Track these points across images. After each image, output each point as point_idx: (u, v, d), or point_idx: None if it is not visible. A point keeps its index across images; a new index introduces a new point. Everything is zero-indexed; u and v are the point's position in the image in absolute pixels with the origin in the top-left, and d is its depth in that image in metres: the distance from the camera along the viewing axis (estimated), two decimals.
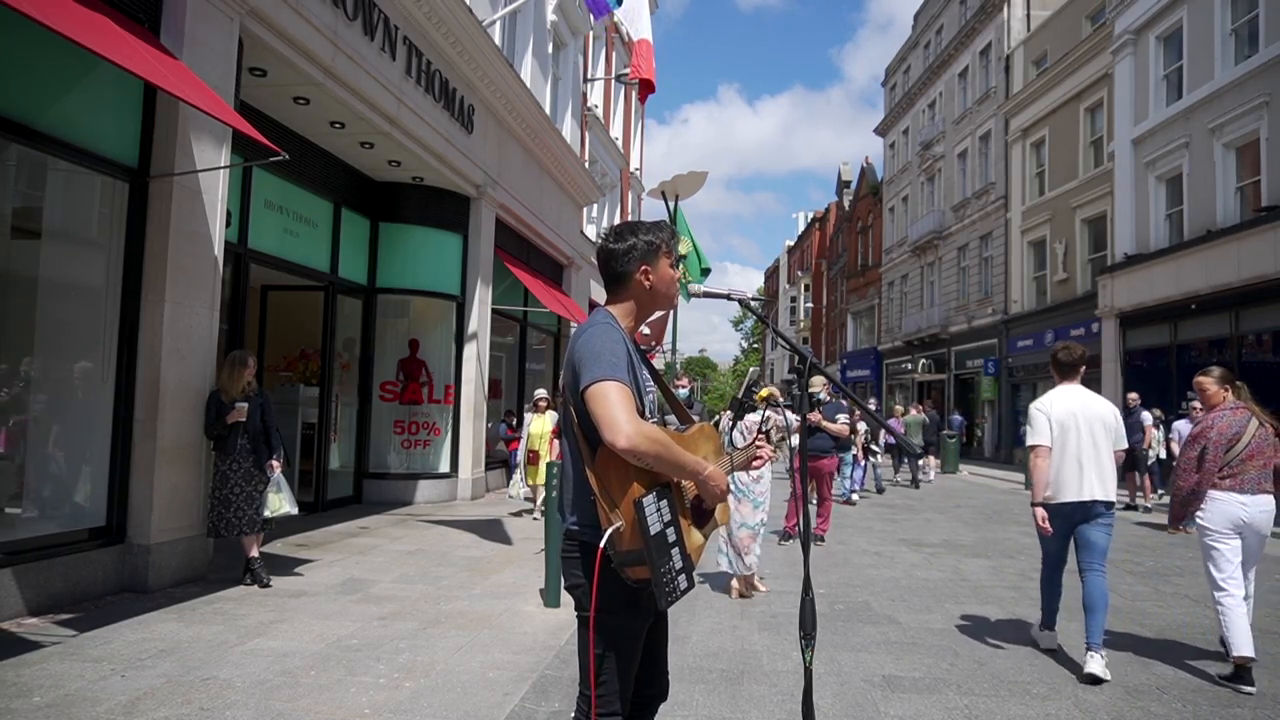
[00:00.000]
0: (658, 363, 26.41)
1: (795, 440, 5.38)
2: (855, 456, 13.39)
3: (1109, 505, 4.41)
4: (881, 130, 36.55)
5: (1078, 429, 4.44)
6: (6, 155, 4.96)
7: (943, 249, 29.01)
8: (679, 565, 1.96)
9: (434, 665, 4.11)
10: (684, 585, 1.98)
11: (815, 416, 8.20)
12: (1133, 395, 12.88)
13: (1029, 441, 4.59)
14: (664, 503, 1.97)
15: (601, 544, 1.93)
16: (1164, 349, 16.42)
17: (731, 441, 5.79)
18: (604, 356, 1.95)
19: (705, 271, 12.43)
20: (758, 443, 2.41)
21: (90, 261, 5.50)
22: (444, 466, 10.85)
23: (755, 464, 2.41)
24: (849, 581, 6.60)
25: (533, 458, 9.28)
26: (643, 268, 2.14)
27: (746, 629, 5.05)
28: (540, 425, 9.32)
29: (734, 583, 5.92)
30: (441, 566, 6.57)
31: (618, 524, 1.93)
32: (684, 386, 11.68)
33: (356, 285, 10.06)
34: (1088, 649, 4.21)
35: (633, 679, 2.12)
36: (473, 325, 11.10)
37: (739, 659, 4.41)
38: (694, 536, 2.12)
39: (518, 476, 9.79)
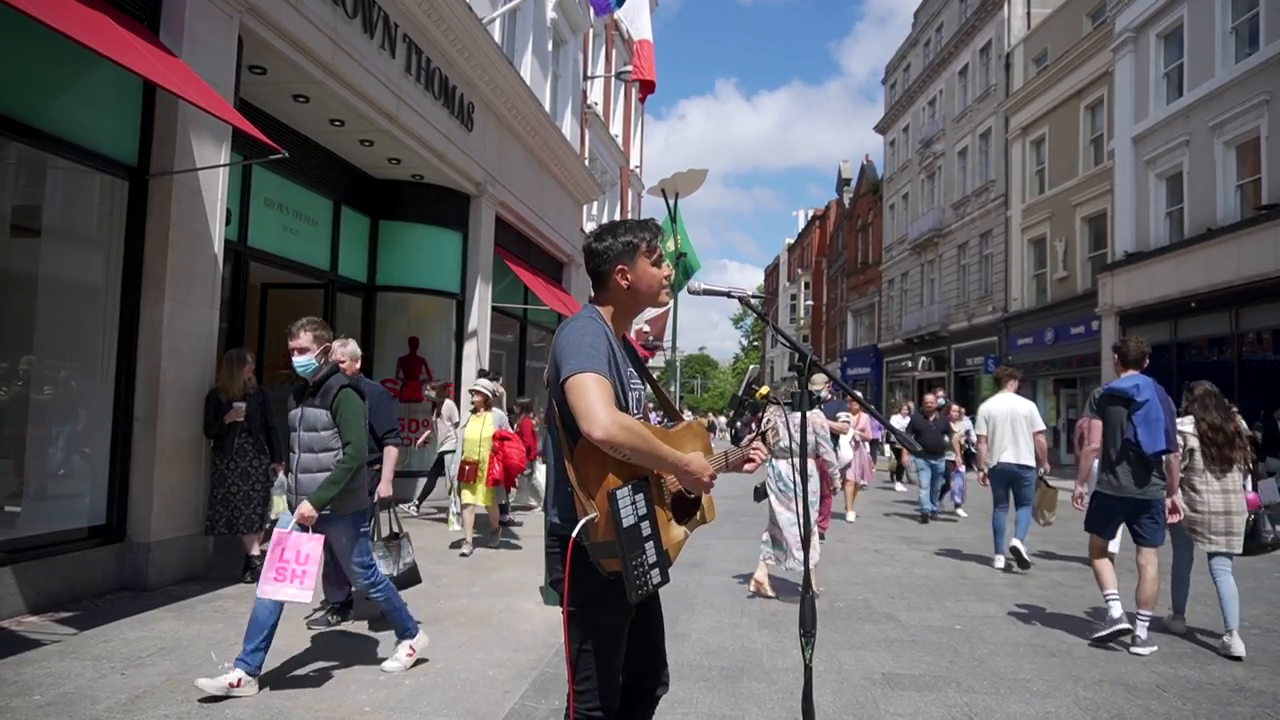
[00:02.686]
0: (658, 359, 26.43)
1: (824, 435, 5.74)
2: (953, 463, 10.93)
3: (1028, 468, 7.08)
4: (881, 128, 36.53)
5: (1000, 421, 7.21)
6: (6, 154, 4.95)
7: (943, 247, 29.00)
8: (652, 559, 1.97)
9: (434, 663, 4.11)
10: (656, 579, 1.98)
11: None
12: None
13: (980, 433, 7.53)
14: (639, 496, 1.97)
15: (573, 534, 1.95)
16: (1164, 347, 16.40)
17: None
18: (584, 349, 1.97)
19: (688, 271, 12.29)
20: (754, 444, 2.41)
21: (90, 260, 5.49)
22: None
23: (748, 466, 2.41)
24: (849, 579, 6.60)
25: (468, 471, 7.06)
26: (619, 268, 2.15)
27: (746, 627, 5.05)
28: (477, 429, 7.14)
29: (758, 574, 5.86)
30: (441, 564, 6.56)
31: (591, 515, 1.94)
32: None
33: (356, 283, 10.05)
34: (1011, 550, 7.10)
35: (617, 674, 2.12)
36: (473, 323, 11.09)
37: (739, 657, 4.42)
38: (673, 532, 2.12)
39: (452, 501, 7.59)
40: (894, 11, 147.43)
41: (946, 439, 10.65)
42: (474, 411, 7.24)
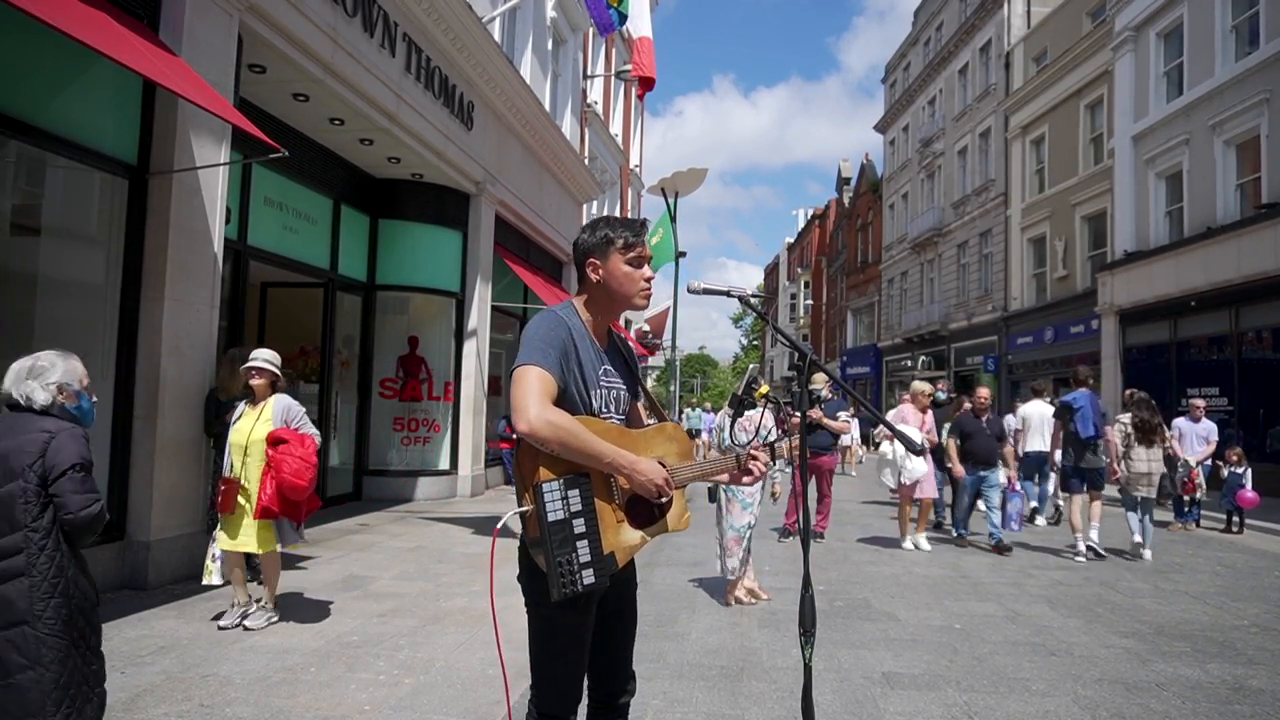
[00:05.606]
0: (658, 358, 26.32)
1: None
2: (1010, 477, 8.60)
3: (1047, 455, 9.58)
4: (881, 127, 36.52)
5: (1033, 420, 9.84)
6: (6, 152, 4.96)
7: (942, 246, 29.00)
8: (584, 559, 1.89)
9: (434, 662, 4.12)
10: (589, 580, 1.88)
11: (816, 413, 8.20)
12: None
13: (1016, 428, 10.18)
14: (573, 492, 1.91)
15: (498, 526, 1.95)
16: (1164, 346, 16.42)
17: (732, 437, 5.78)
18: (535, 343, 1.97)
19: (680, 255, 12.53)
20: (752, 450, 2.25)
21: (90, 258, 5.49)
22: (444, 463, 10.84)
23: (746, 480, 2.25)
24: (849, 578, 6.61)
25: (226, 496, 4.52)
26: (590, 260, 2.11)
27: (746, 626, 5.05)
28: (247, 427, 4.56)
29: (728, 588, 5.62)
30: (441, 563, 6.57)
31: (524, 508, 1.93)
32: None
33: (356, 282, 10.05)
34: (1034, 513, 10.27)
35: (577, 676, 2.07)
36: (472, 322, 11.09)
37: (738, 656, 4.42)
38: (625, 535, 2.01)
39: (213, 542, 4.74)
40: (893, 5, 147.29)
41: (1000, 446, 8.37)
42: (250, 401, 4.68)
